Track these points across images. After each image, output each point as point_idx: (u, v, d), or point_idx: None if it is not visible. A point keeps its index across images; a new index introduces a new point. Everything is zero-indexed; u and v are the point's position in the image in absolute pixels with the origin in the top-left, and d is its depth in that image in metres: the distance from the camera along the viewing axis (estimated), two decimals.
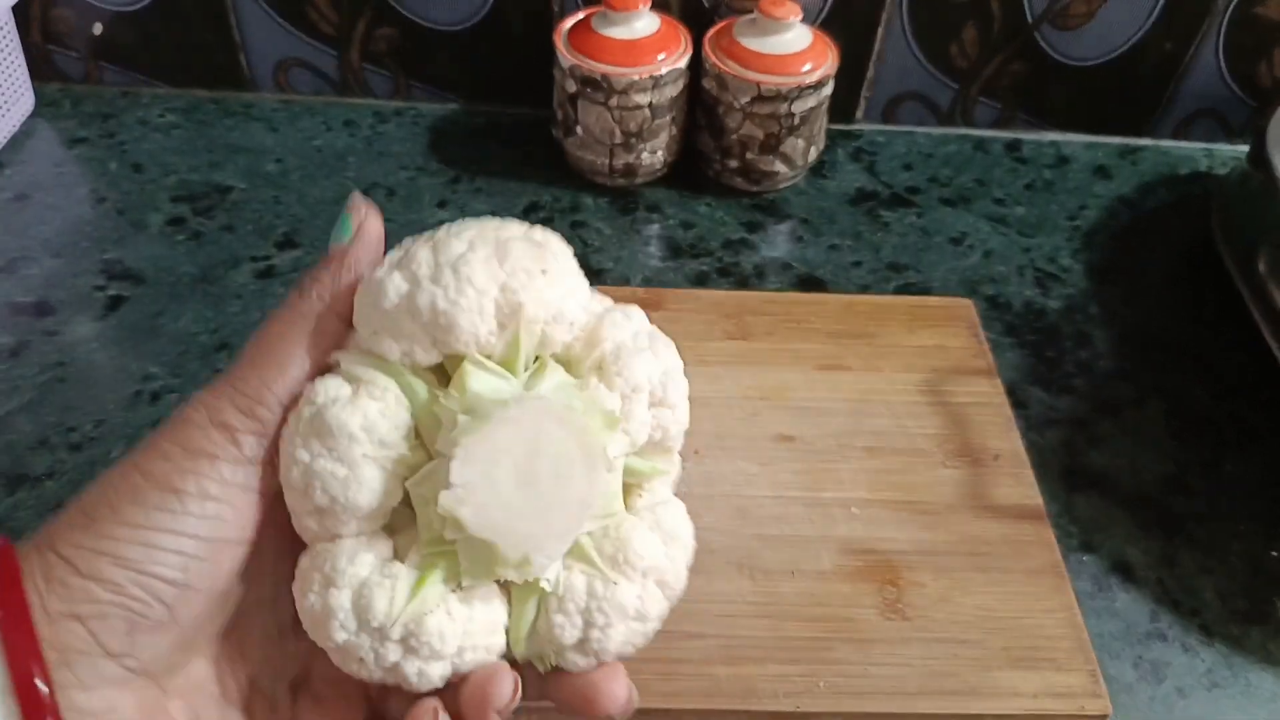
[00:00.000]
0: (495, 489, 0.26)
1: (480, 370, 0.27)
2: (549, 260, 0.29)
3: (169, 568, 0.26)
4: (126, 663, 0.26)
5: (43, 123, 0.71)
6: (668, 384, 0.30)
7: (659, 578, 0.29)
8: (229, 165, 0.69)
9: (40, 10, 0.70)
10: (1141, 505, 0.52)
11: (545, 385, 0.28)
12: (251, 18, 0.70)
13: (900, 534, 0.48)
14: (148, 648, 0.26)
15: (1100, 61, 0.71)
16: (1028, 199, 0.70)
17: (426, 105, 0.75)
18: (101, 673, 0.25)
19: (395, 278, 0.28)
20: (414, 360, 0.28)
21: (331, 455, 0.27)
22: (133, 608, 0.25)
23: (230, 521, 0.27)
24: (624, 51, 0.62)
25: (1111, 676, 0.45)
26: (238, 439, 0.27)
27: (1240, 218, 0.61)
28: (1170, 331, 0.62)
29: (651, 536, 0.29)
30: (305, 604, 0.27)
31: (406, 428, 0.27)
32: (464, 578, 0.27)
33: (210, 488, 0.27)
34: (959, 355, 0.56)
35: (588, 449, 0.27)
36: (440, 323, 0.27)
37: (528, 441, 0.26)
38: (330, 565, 0.27)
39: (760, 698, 0.42)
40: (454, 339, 0.27)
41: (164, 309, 0.58)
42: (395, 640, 0.27)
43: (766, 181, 0.68)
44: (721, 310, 0.58)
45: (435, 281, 0.27)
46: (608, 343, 0.29)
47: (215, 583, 0.27)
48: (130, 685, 0.26)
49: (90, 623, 0.25)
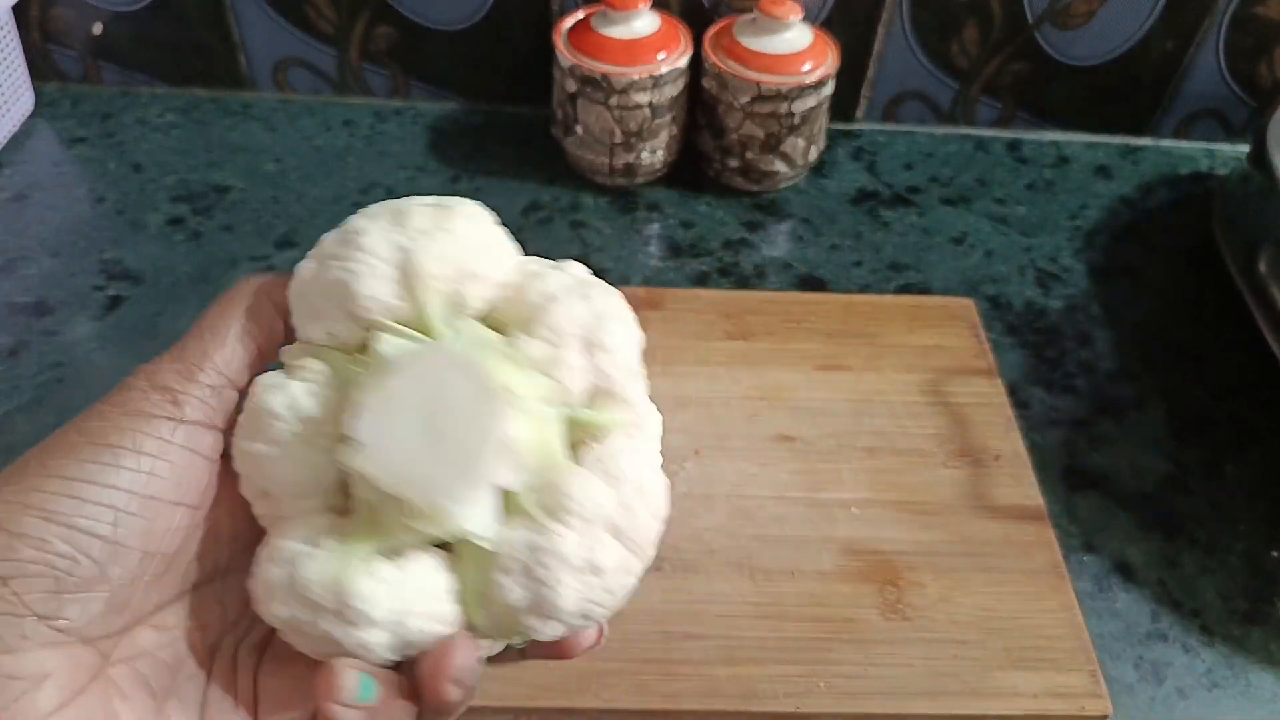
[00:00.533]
0: (399, 441, 0.26)
1: (389, 334, 0.27)
2: (452, 220, 0.28)
3: (98, 521, 0.25)
4: (56, 624, 0.25)
5: (42, 122, 0.71)
6: (601, 328, 0.28)
7: (611, 526, 0.27)
8: (228, 165, 0.68)
9: (40, 10, 0.70)
10: (1142, 505, 0.52)
11: (459, 341, 0.28)
12: (250, 17, 0.70)
13: (901, 534, 0.48)
14: (78, 608, 0.25)
15: (1101, 61, 0.71)
16: (1028, 199, 0.70)
17: (426, 105, 0.74)
18: (28, 634, 0.24)
19: (308, 262, 0.29)
20: (341, 340, 0.28)
21: (263, 438, 0.27)
22: (58, 565, 0.25)
23: (168, 479, 0.27)
24: (624, 51, 0.62)
25: (1112, 677, 0.45)
26: (178, 400, 0.27)
27: (1241, 218, 0.61)
28: (1171, 331, 0.61)
29: (596, 484, 0.27)
30: (250, 584, 0.28)
31: (337, 406, 0.27)
32: (388, 538, 0.27)
33: (146, 444, 0.26)
34: (960, 355, 0.56)
35: (487, 390, 0.26)
36: (345, 294, 0.27)
37: (428, 391, 0.26)
38: (271, 544, 0.27)
39: (760, 698, 0.42)
40: (359, 307, 0.27)
41: (163, 309, 0.58)
42: (329, 610, 0.26)
43: (767, 181, 0.68)
44: (721, 310, 0.58)
45: (336, 257, 0.28)
46: (533, 294, 0.29)
47: (150, 542, 0.26)
48: (63, 648, 0.25)
49: (12, 582, 0.24)
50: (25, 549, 0.24)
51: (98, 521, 0.25)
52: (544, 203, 0.67)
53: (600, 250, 0.64)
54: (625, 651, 0.43)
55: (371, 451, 0.26)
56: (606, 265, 0.63)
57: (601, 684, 0.42)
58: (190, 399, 0.27)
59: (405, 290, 0.28)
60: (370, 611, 0.26)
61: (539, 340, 0.28)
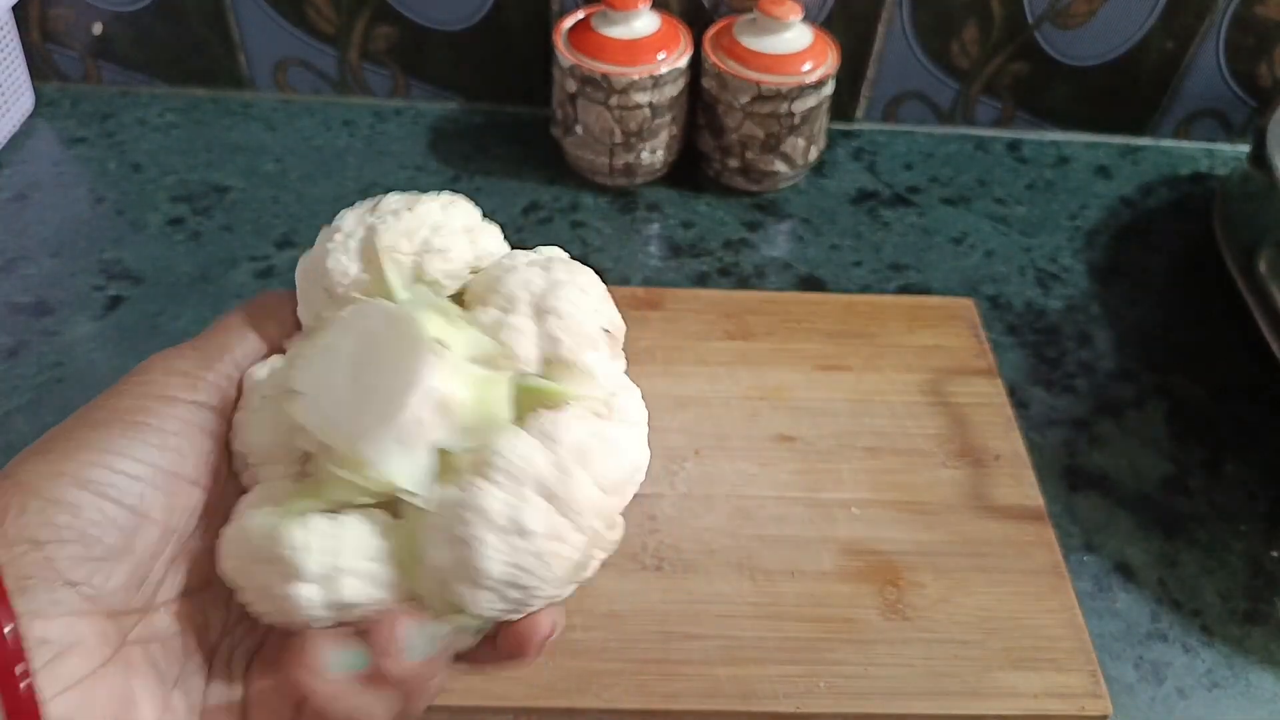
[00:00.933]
0: (331, 390, 0.27)
1: (348, 303, 0.29)
2: (421, 203, 0.30)
3: (127, 493, 0.26)
4: (84, 590, 0.25)
5: (42, 122, 0.71)
6: (553, 293, 0.28)
7: (541, 487, 0.26)
8: (228, 165, 0.68)
9: (40, 10, 0.70)
10: (1142, 505, 0.52)
11: (407, 304, 0.28)
12: (250, 17, 0.70)
13: (901, 534, 0.48)
14: (103, 576, 0.26)
15: (1101, 61, 0.71)
16: (1028, 198, 0.70)
17: (426, 104, 0.74)
18: (59, 600, 0.25)
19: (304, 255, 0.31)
20: (326, 320, 0.29)
21: (244, 407, 0.29)
22: (89, 532, 0.25)
23: (189, 458, 0.28)
24: (624, 51, 0.62)
25: (1112, 677, 0.45)
26: (195, 385, 0.28)
27: (1241, 218, 0.61)
28: (1170, 331, 0.61)
29: (529, 442, 0.26)
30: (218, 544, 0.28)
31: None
32: (330, 497, 0.26)
33: (169, 424, 0.27)
34: (959, 355, 0.56)
35: (417, 342, 0.26)
36: (320, 272, 0.29)
37: (363, 344, 0.27)
38: (236, 507, 0.28)
39: (761, 698, 0.42)
40: (332, 283, 0.29)
41: (163, 309, 0.58)
42: (265, 560, 0.26)
43: (767, 181, 0.68)
44: (721, 310, 0.58)
45: (319, 242, 0.30)
46: (495, 269, 0.29)
47: (171, 517, 0.27)
48: (89, 618, 0.26)
49: (48, 547, 0.25)
50: (61, 515, 0.25)
51: (126, 492, 0.26)
52: (544, 203, 0.67)
53: (600, 250, 0.64)
54: (625, 651, 0.43)
55: (307, 400, 0.27)
56: (606, 265, 0.63)
57: (601, 684, 0.42)
58: (207, 385, 0.29)
59: (365, 262, 0.29)
60: (302, 562, 0.25)
61: (492, 309, 0.28)
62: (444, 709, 0.41)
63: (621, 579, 0.45)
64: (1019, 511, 0.49)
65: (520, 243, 0.31)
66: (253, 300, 0.31)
